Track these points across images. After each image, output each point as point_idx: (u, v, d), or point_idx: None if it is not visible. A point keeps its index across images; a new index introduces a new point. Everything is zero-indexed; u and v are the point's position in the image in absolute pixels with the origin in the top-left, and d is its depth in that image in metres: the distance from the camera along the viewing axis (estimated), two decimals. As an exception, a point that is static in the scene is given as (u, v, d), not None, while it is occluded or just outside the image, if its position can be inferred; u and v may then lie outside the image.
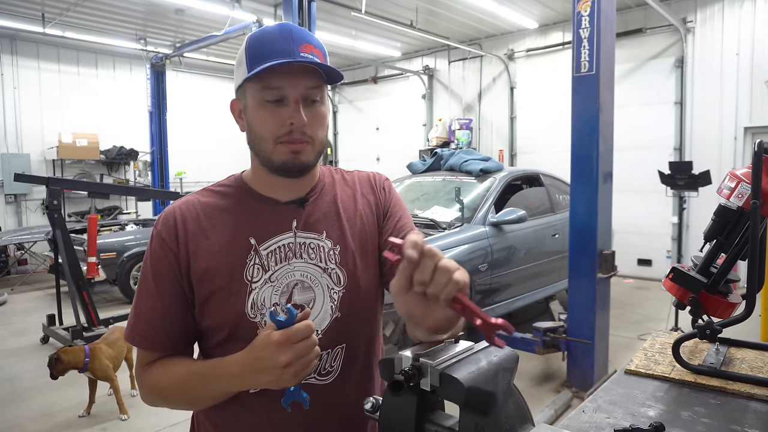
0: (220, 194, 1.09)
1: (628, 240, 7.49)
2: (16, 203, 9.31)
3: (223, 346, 1.03)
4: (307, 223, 1.07)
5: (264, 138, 1.00)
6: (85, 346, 3.51)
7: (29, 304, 6.92)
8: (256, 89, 0.99)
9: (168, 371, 1.02)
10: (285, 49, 0.96)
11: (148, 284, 1.04)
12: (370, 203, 1.16)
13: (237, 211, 1.06)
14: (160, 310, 1.02)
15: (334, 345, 1.06)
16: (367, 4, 6.75)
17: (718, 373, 1.27)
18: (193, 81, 11.47)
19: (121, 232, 7.33)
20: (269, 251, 1.04)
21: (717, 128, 7.44)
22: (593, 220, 3.83)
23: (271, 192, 1.08)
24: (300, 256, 1.05)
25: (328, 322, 1.05)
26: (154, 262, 1.03)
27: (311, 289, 1.05)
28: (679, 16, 7.56)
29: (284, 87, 0.97)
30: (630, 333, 5.31)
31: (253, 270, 1.02)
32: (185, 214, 1.05)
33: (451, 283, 0.72)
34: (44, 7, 7.64)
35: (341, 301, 1.06)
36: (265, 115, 0.99)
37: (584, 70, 3.78)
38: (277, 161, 1.00)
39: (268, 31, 1.00)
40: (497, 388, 0.74)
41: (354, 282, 1.07)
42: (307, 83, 0.98)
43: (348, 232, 1.10)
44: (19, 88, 9.19)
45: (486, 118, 10.03)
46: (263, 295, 1.02)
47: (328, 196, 1.13)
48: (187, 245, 1.02)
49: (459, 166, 5.41)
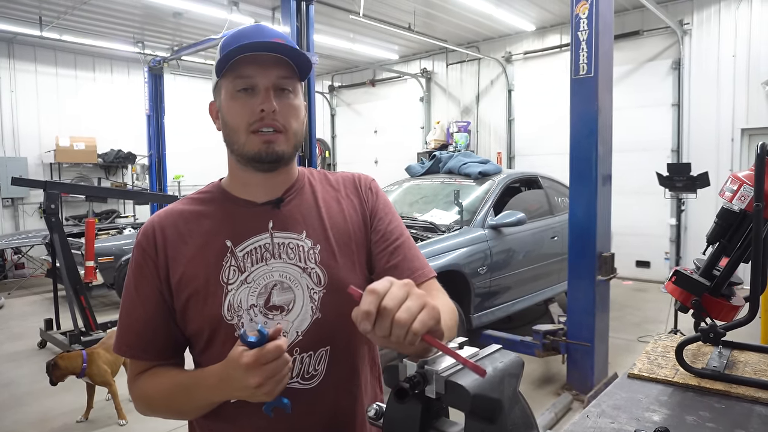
0: (198, 201, 1.10)
1: (626, 242, 7.49)
2: (14, 207, 9.28)
3: (206, 352, 1.04)
4: (285, 223, 1.06)
5: (236, 129, 1.01)
6: (83, 352, 3.49)
7: (26, 308, 6.89)
8: (228, 82, 1.01)
9: (155, 382, 1.02)
10: (256, 40, 0.98)
11: (131, 294, 1.04)
12: (354, 204, 1.14)
13: (213, 215, 1.06)
14: (144, 320, 1.03)
15: (317, 347, 1.04)
16: (365, 7, 6.76)
17: (721, 377, 1.27)
18: (190, 84, 11.46)
19: (118, 235, 7.30)
20: (245, 252, 1.03)
21: (714, 130, 7.45)
22: (592, 223, 3.82)
23: (247, 194, 1.08)
24: (278, 257, 1.04)
25: (308, 323, 1.03)
26: (136, 272, 1.04)
27: (291, 290, 1.03)
28: (675, 19, 7.58)
29: (255, 75, 0.98)
30: (630, 335, 5.31)
31: (229, 272, 1.01)
32: (164, 223, 1.05)
33: (409, 335, 0.70)
34: (41, 10, 7.63)
35: (322, 302, 1.04)
36: (236, 105, 1.00)
37: (583, 73, 3.78)
38: (250, 152, 1.00)
39: (241, 29, 1.03)
40: (503, 395, 0.73)
41: (336, 281, 1.05)
42: (278, 72, 0.99)
43: (330, 232, 1.09)
44: (16, 92, 9.17)
45: (484, 120, 10.04)
46: (239, 296, 1.01)
47: (307, 195, 1.11)
48: (165, 252, 1.03)
49: (457, 169, 5.41)
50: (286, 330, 1.02)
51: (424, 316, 0.72)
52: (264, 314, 1.01)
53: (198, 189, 1.14)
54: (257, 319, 1.01)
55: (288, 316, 1.02)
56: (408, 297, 0.73)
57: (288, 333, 1.02)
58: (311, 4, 6.18)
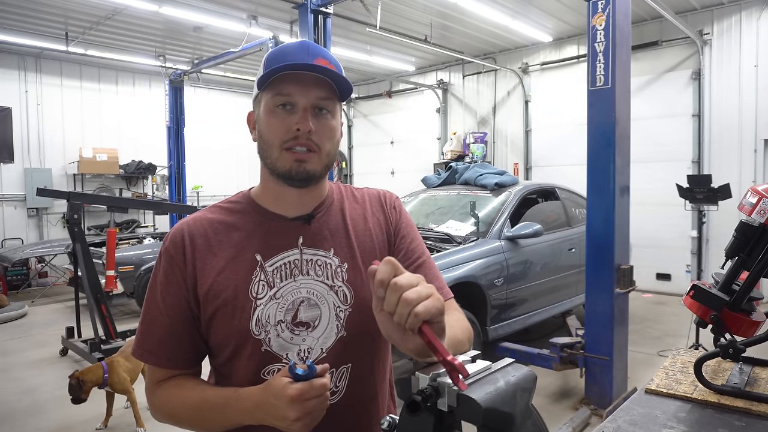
0: (228, 210, 1.09)
1: (646, 254, 7.38)
2: (38, 217, 9.50)
3: (229, 364, 1.04)
4: (314, 240, 1.07)
5: (271, 144, 1.01)
6: (103, 363, 3.53)
7: (49, 316, 7.02)
8: (268, 97, 1.01)
9: (180, 394, 1.02)
10: (300, 59, 0.99)
11: (156, 300, 1.04)
12: (380, 222, 1.16)
13: (244, 228, 1.06)
14: (168, 326, 1.03)
15: (339, 364, 1.05)
16: (382, 19, 6.82)
17: (742, 394, 1.24)
18: (210, 96, 11.67)
19: (138, 245, 7.42)
20: (274, 267, 1.03)
21: (736, 141, 7.34)
22: (610, 234, 3.78)
23: (278, 208, 1.08)
24: (306, 273, 1.05)
25: (333, 340, 1.04)
26: (162, 278, 1.04)
27: (317, 307, 1.04)
28: (695, 29, 7.51)
29: (294, 94, 0.99)
30: (649, 349, 5.21)
31: (258, 286, 1.02)
32: (193, 231, 1.05)
33: (411, 316, 0.73)
34: (68, 26, 7.86)
35: (347, 320, 1.05)
36: (274, 121, 1.01)
37: (600, 84, 3.76)
38: (282, 168, 1.01)
39: (286, 45, 1.04)
40: (515, 409, 0.73)
41: (361, 300, 1.06)
42: (318, 93, 1.00)
43: (357, 250, 1.09)
44: (42, 105, 9.43)
45: (501, 131, 10.01)
46: (268, 311, 1.01)
47: (336, 213, 1.12)
48: (194, 262, 1.02)
49: (474, 180, 5.40)
50: (311, 346, 1.03)
51: (429, 303, 0.74)
52: (290, 330, 1.02)
53: (226, 198, 1.14)
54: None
55: (313, 333, 1.03)
56: (419, 284, 0.76)
57: (312, 350, 1.03)
58: (328, 17, 6.26)
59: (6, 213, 9.15)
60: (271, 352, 1.01)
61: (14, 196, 9.19)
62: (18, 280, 8.74)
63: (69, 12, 7.33)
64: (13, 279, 8.69)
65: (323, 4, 6.06)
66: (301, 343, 1.02)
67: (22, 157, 9.25)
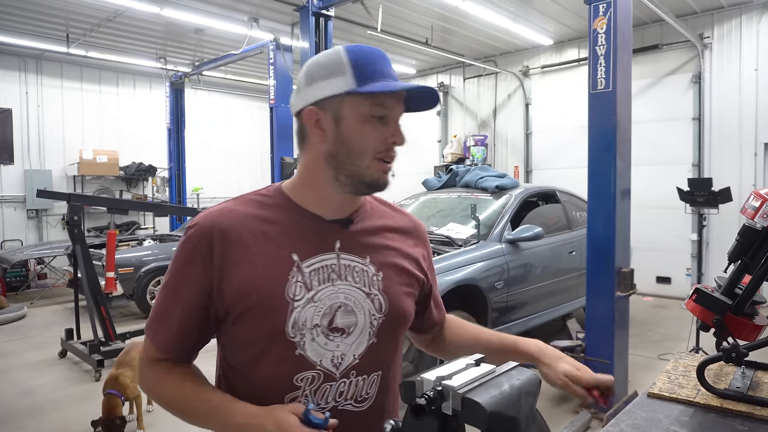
0: (260, 204, 1.05)
1: (647, 257, 7.38)
2: (38, 218, 9.49)
3: (254, 364, 1.01)
4: (351, 246, 1.06)
5: (361, 152, 1.00)
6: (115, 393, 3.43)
7: (48, 318, 7.01)
8: (363, 104, 0.98)
9: (173, 383, 1.01)
10: (391, 73, 1.02)
11: (174, 288, 1.02)
12: (414, 247, 1.18)
13: (278, 223, 1.03)
14: (179, 319, 1.01)
15: (370, 371, 1.05)
16: (383, 22, 6.83)
17: (745, 398, 1.24)
18: (211, 98, 11.67)
19: (138, 247, 7.41)
20: (312, 270, 1.01)
21: (737, 144, 7.34)
22: (611, 237, 3.78)
23: (317, 208, 1.06)
24: (345, 278, 1.04)
25: (365, 347, 1.04)
26: (182, 268, 1.01)
27: (354, 313, 1.03)
28: (696, 32, 7.52)
29: (392, 108, 1.01)
30: (650, 353, 5.20)
31: (296, 288, 0.99)
32: (224, 224, 1.00)
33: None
34: (69, 28, 7.87)
35: (380, 328, 1.05)
36: (369, 131, 0.99)
37: (601, 88, 3.77)
38: (370, 177, 1.01)
39: (370, 50, 1.02)
40: (520, 413, 0.73)
41: (395, 310, 1.07)
42: (402, 108, 1.04)
43: (391, 262, 1.10)
44: (43, 106, 9.43)
45: (501, 134, 10.02)
46: (305, 314, 0.99)
47: (371, 221, 1.12)
48: (223, 255, 0.98)
49: (474, 183, 5.40)
50: (345, 352, 1.02)
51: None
52: (326, 335, 1.01)
53: (255, 191, 1.10)
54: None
55: (347, 339, 1.02)
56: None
57: (345, 356, 1.03)
58: (330, 20, 6.27)
59: (6, 214, 9.14)
60: (305, 357, 0.99)
61: (14, 198, 9.18)
62: (17, 281, 8.74)
63: (70, 14, 7.34)
64: (13, 280, 8.68)
65: (324, 6, 6.08)
66: (335, 349, 1.01)
67: (22, 159, 9.25)
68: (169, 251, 7.15)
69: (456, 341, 1.30)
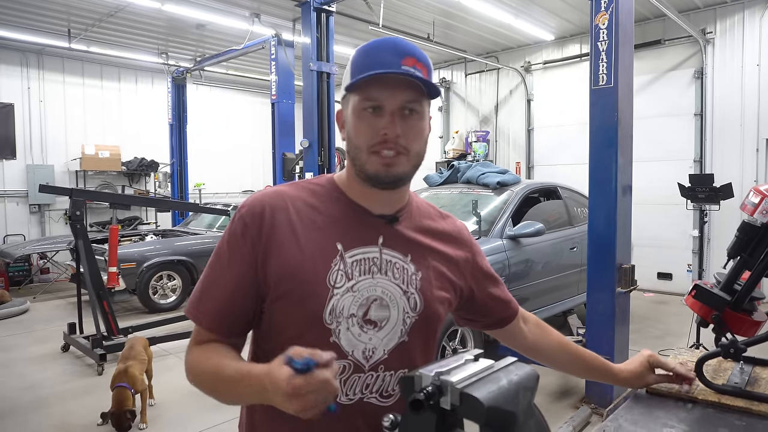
0: (311, 192, 1.08)
1: (647, 253, 7.38)
2: (40, 213, 9.51)
3: (286, 348, 0.95)
4: (393, 242, 1.07)
5: (359, 147, 1.01)
6: (126, 386, 3.44)
7: (51, 312, 7.03)
8: (356, 99, 1.00)
9: (207, 363, 0.98)
10: (387, 60, 0.97)
11: (221, 265, 1.02)
12: (457, 252, 1.17)
13: (327, 212, 1.06)
14: (227, 295, 1.01)
15: (397, 369, 1.05)
16: (384, 17, 6.81)
17: (743, 394, 1.25)
18: (212, 94, 11.67)
19: (141, 242, 7.43)
20: (354, 260, 1.03)
21: (738, 140, 7.32)
22: (612, 234, 3.78)
23: (364, 202, 1.07)
24: (385, 273, 1.05)
25: (395, 344, 1.05)
26: (232, 244, 1.02)
27: (388, 308, 1.04)
28: (698, 28, 7.49)
29: (382, 98, 0.98)
30: (650, 348, 5.16)
31: (337, 275, 1.01)
32: (276, 205, 1.03)
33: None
34: (70, 23, 7.86)
35: (412, 327, 1.06)
36: (361, 124, 1.00)
37: (602, 83, 3.76)
38: (370, 171, 1.01)
39: (375, 43, 1.02)
40: (518, 408, 0.73)
41: (428, 312, 1.08)
42: (405, 96, 0.99)
43: (431, 264, 1.11)
44: (44, 102, 9.44)
45: (503, 130, 10.01)
46: (343, 303, 1.01)
47: (416, 221, 1.13)
48: (271, 235, 1.00)
49: (476, 179, 5.40)
50: (376, 346, 1.03)
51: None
52: (360, 326, 1.02)
53: (307, 179, 1.13)
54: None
55: (379, 333, 1.03)
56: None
57: (376, 349, 1.03)
58: (331, 15, 6.26)
59: (8, 209, 9.16)
60: (339, 345, 1.00)
61: (16, 193, 9.20)
62: (20, 276, 8.77)
63: (71, 9, 7.33)
64: (15, 275, 8.71)
65: (326, 2, 6.06)
66: (367, 341, 1.02)
67: (25, 154, 9.26)
68: (171, 246, 7.17)
69: (538, 341, 1.39)
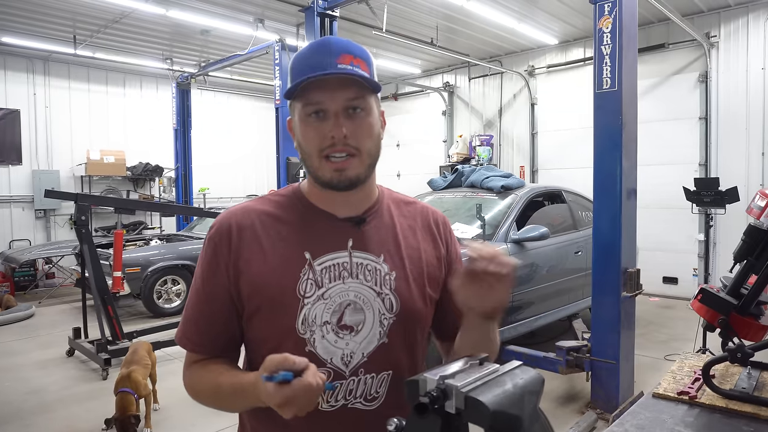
0: (276, 204, 1.08)
1: (653, 257, 7.34)
2: (46, 218, 9.56)
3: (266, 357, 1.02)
4: (364, 244, 1.06)
5: (310, 154, 1.00)
6: (129, 391, 3.44)
7: (56, 317, 7.06)
8: (299, 106, 1.00)
9: (203, 378, 1.03)
10: (321, 62, 0.96)
11: (198, 289, 1.05)
12: (428, 240, 1.15)
13: (292, 223, 1.05)
14: (206, 316, 1.03)
15: (379, 370, 1.04)
16: (388, 22, 6.83)
17: (750, 399, 1.24)
18: (217, 99, 11.72)
19: (145, 247, 7.45)
20: (323, 267, 1.02)
21: (744, 144, 7.30)
22: (617, 238, 3.77)
23: (327, 206, 1.07)
24: (356, 277, 1.04)
25: (374, 346, 1.04)
26: (206, 267, 1.04)
27: (362, 311, 1.03)
28: (702, 31, 7.48)
29: (323, 101, 0.97)
30: (656, 353, 5.18)
31: (306, 285, 1.01)
32: (242, 223, 1.03)
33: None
34: (76, 29, 7.92)
35: (390, 328, 1.05)
36: (308, 130, 0.99)
37: (606, 87, 3.75)
38: (324, 178, 1.00)
39: (309, 46, 1.02)
40: (523, 412, 0.73)
41: (406, 311, 1.06)
42: (346, 95, 0.97)
43: (406, 261, 1.09)
44: (50, 107, 9.50)
45: (507, 134, 10.00)
46: (315, 311, 1.00)
47: (386, 219, 1.11)
48: (239, 252, 1.01)
49: (480, 183, 5.39)
50: (354, 350, 1.02)
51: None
52: (335, 332, 1.02)
53: (274, 191, 1.14)
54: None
55: (356, 337, 1.03)
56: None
57: (354, 354, 1.02)
58: (335, 20, 6.28)
59: (14, 214, 9.21)
60: (315, 354, 1.00)
61: (22, 198, 9.25)
62: (25, 280, 8.81)
63: (77, 15, 7.38)
64: (21, 280, 8.75)
65: (330, 7, 6.08)
66: (344, 347, 1.02)
67: (30, 159, 9.31)
68: (175, 251, 7.18)
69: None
